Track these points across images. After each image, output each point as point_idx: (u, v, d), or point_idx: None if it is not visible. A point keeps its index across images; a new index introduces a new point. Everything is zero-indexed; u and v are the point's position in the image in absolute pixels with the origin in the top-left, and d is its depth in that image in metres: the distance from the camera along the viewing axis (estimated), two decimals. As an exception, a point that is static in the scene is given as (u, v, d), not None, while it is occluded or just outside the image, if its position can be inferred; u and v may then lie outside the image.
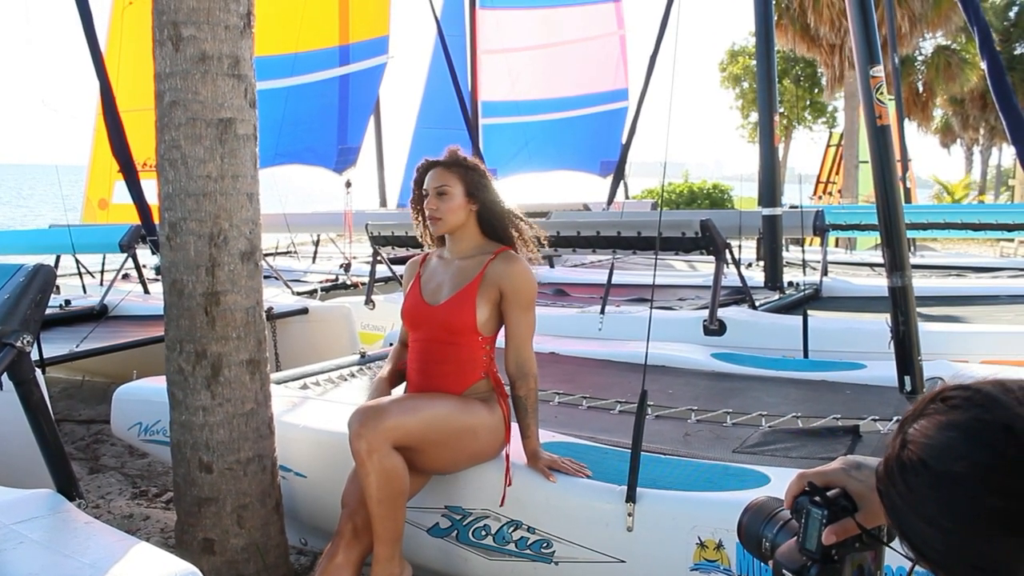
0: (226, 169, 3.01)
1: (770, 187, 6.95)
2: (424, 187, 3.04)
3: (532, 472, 2.97)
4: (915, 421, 0.86)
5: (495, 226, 3.07)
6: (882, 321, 3.97)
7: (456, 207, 2.99)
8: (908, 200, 13.47)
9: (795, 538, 1.12)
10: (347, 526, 2.77)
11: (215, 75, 2.96)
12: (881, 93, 3.61)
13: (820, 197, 17.78)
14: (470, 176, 3.02)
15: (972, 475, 0.78)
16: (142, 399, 4.13)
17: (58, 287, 8.66)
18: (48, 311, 6.59)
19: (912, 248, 11.91)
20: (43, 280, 2.40)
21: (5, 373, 2.35)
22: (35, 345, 2.45)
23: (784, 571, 1.11)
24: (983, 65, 5.54)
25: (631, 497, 2.75)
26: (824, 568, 1.07)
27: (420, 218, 3.17)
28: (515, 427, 3.05)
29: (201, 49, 2.94)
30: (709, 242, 5.48)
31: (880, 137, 3.62)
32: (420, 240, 3.25)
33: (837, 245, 13.93)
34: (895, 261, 3.63)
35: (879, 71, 3.61)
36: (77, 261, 8.92)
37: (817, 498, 1.09)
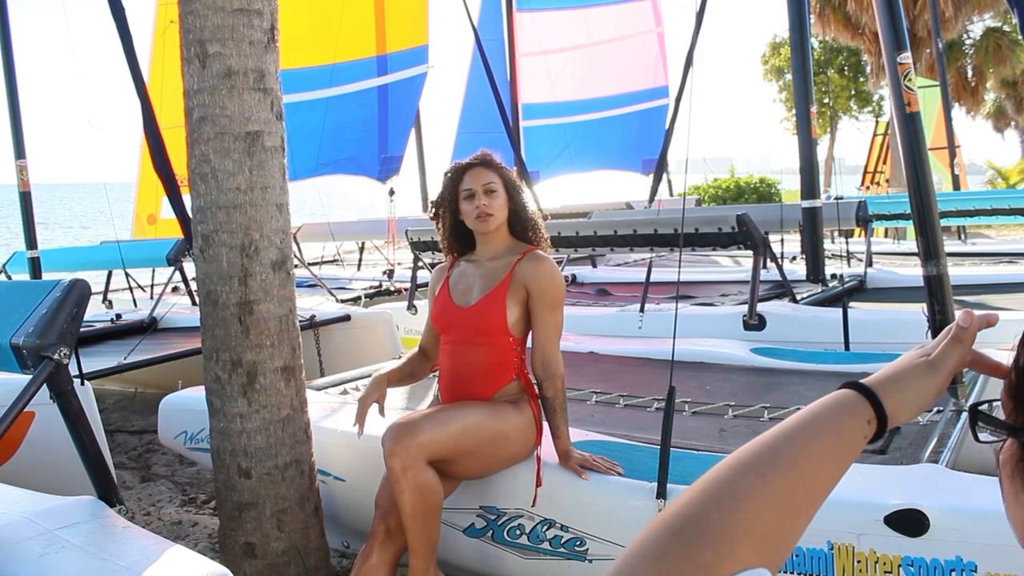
0: (255, 181, 3.08)
1: (809, 179, 6.88)
2: (466, 187, 3.03)
3: (564, 471, 2.99)
4: None
5: (524, 227, 3.11)
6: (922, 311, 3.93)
7: (503, 204, 3.03)
8: (957, 187, 13.23)
9: None
10: (380, 527, 2.81)
11: (241, 90, 3.03)
12: (909, 80, 3.57)
13: (868, 187, 17.53)
14: (507, 176, 3.08)
15: None
16: (186, 408, 4.23)
17: (110, 302, 8.90)
18: (100, 325, 6.83)
19: (963, 236, 11.70)
20: (78, 295, 2.48)
21: (46, 385, 2.44)
22: (73, 357, 2.52)
23: None
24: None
25: (662, 494, 2.76)
26: None
27: (449, 223, 3.15)
28: (547, 427, 3.07)
29: (227, 65, 3.02)
30: (747, 237, 5.44)
31: (910, 124, 3.58)
32: (443, 248, 3.25)
33: (887, 235, 13.73)
34: (929, 249, 3.58)
35: (907, 58, 3.57)
36: (127, 275, 9.14)
37: None
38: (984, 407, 0.84)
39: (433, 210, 3.21)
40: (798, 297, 6.03)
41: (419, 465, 2.71)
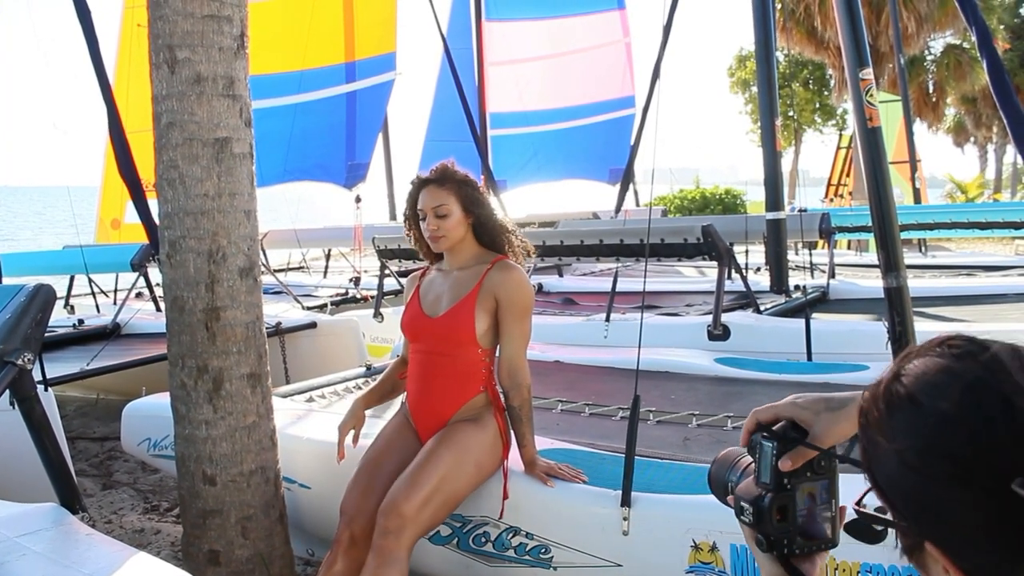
0: (223, 187, 3.08)
1: (773, 191, 6.97)
2: (420, 207, 3.01)
3: (530, 479, 3.01)
4: (916, 358, 0.85)
5: (492, 236, 3.09)
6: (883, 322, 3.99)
7: (455, 224, 2.98)
8: (918, 200, 13.43)
9: (753, 477, 1.16)
10: (345, 533, 2.81)
11: (210, 96, 3.03)
12: (871, 95, 3.64)
13: (831, 199, 17.75)
14: (464, 191, 3.01)
15: (958, 420, 0.78)
16: (150, 415, 4.20)
17: (72, 307, 8.78)
18: (62, 330, 6.74)
19: (923, 248, 11.89)
20: (43, 300, 2.47)
21: (8, 391, 2.41)
22: (37, 363, 2.51)
23: (742, 503, 1.15)
24: (983, 64, 5.55)
25: (626, 502, 2.79)
26: (777, 496, 1.11)
27: (416, 236, 3.15)
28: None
29: (196, 71, 3.01)
30: (711, 248, 5.50)
31: (871, 139, 3.65)
32: (423, 256, 3.26)
33: (850, 247, 13.90)
34: (890, 262, 3.65)
35: (868, 74, 3.64)
36: (90, 281, 9.02)
37: (766, 433, 1.13)
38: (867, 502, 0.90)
39: (405, 222, 3.20)
40: (762, 308, 6.10)
41: (403, 553, 2.71)
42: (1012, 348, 0.83)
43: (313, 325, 6.53)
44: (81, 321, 7.21)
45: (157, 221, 3.30)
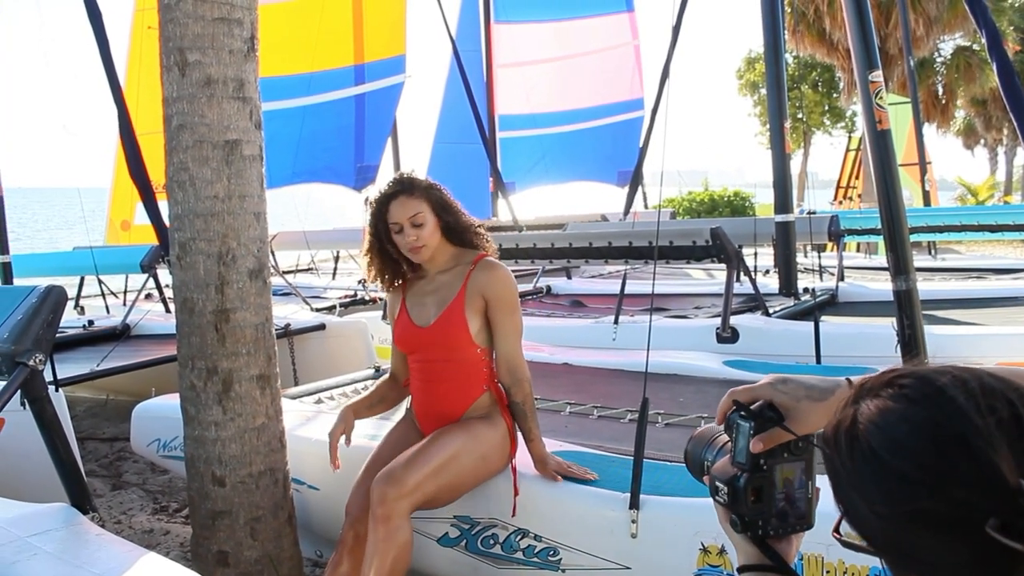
0: (233, 189, 3.09)
1: (782, 194, 6.96)
2: (393, 220, 2.94)
3: (538, 481, 3.01)
4: (869, 398, 0.86)
5: (462, 235, 3.05)
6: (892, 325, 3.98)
7: (431, 231, 2.95)
8: (927, 203, 13.39)
9: (729, 455, 1.15)
10: (350, 534, 2.82)
11: (220, 98, 3.04)
12: (881, 98, 3.63)
13: (840, 202, 17.70)
14: (433, 195, 2.97)
15: (920, 479, 0.79)
16: (160, 416, 4.21)
17: (82, 308, 8.82)
18: (72, 331, 6.77)
19: (933, 251, 11.85)
20: (55, 301, 2.48)
21: (20, 391, 2.43)
22: (48, 363, 2.52)
23: (717, 483, 1.14)
24: (993, 67, 5.54)
25: (634, 504, 2.78)
26: (752, 476, 1.10)
27: (385, 254, 3.05)
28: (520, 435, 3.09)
29: (206, 73, 3.02)
30: (720, 250, 5.49)
31: (881, 141, 3.64)
32: (381, 284, 3.18)
33: (858, 250, 13.86)
34: (899, 265, 3.64)
35: (878, 76, 3.64)
36: (100, 282, 9.07)
37: (743, 412, 1.12)
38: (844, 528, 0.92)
39: (367, 247, 3.09)
40: (771, 310, 6.09)
41: (403, 519, 2.71)
42: (962, 382, 0.82)
43: (322, 327, 6.54)
44: (91, 322, 7.25)
45: (167, 223, 3.31)
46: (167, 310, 7.57)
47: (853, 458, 0.85)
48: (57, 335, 2.70)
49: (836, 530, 0.93)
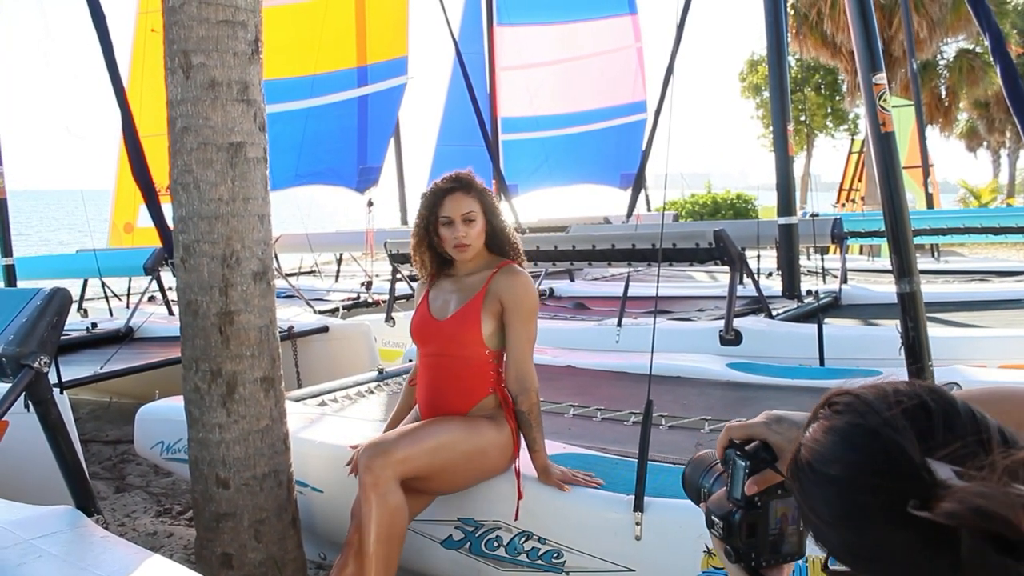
0: (237, 192, 3.09)
1: (785, 196, 6.96)
2: (446, 214, 3.01)
3: (542, 483, 3.01)
4: (812, 423, 0.91)
5: (502, 245, 3.12)
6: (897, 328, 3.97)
7: (480, 231, 3.03)
8: (930, 205, 13.38)
9: (725, 487, 1.18)
10: (355, 536, 2.82)
11: (224, 101, 3.04)
12: (884, 100, 3.62)
13: (843, 204, 17.69)
14: (485, 198, 3.06)
15: (844, 476, 0.84)
16: (163, 418, 4.22)
17: (86, 310, 8.83)
18: (75, 334, 6.78)
19: (936, 254, 11.84)
20: (59, 303, 2.48)
21: (24, 394, 2.43)
22: (53, 366, 2.52)
23: (713, 517, 1.17)
24: (996, 69, 5.53)
25: (639, 506, 2.78)
26: (747, 514, 1.13)
27: (428, 244, 3.12)
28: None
29: (211, 76, 3.03)
30: (723, 252, 5.49)
31: (884, 144, 3.63)
32: (420, 272, 3.23)
33: (861, 252, 13.86)
34: (903, 267, 3.63)
35: (881, 79, 3.63)
36: (104, 284, 9.07)
37: (740, 451, 1.14)
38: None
39: (415, 233, 3.15)
40: (774, 313, 6.09)
41: (391, 484, 2.73)
42: (882, 390, 0.88)
43: (325, 329, 6.54)
44: (95, 324, 7.26)
45: (170, 225, 3.31)
46: (170, 312, 7.57)
47: (799, 480, 0.90)
48: (61, 337, 2.71)
49: (824, 567, 0.96)
